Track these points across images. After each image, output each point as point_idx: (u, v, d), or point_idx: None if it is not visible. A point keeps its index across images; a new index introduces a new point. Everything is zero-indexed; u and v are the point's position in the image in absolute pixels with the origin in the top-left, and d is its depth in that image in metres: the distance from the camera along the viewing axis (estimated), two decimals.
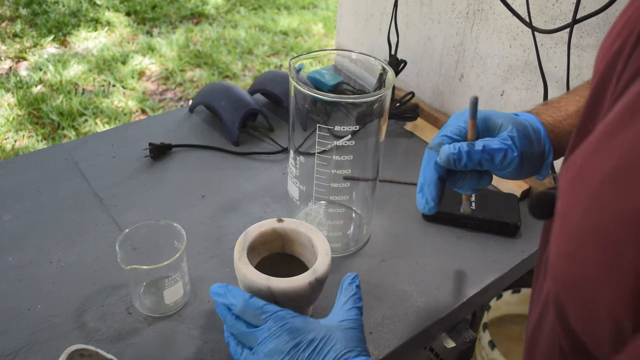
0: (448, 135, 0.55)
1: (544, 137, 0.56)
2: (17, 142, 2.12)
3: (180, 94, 2.50)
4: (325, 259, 0.57)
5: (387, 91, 0.62)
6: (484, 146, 0.53)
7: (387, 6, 1.07)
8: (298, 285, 0.53)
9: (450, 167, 0.53)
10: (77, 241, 0.73)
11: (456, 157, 0.52)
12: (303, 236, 0.61)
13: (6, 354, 0.59)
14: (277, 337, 0.48)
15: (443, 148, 0.53)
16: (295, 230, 0.61)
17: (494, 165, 0.54)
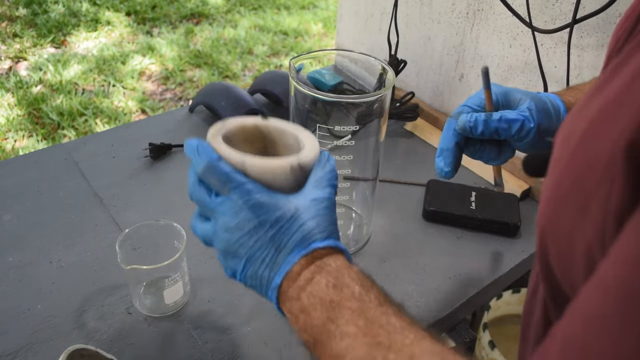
0: (468, 105, 0.57)
1: (563, 113, 0.58)
2: (17, 142, 2.12)
3: (180, 94, 2.50)
4: (313, 148, 0.47)
5: (387, 91, 0.62)
6: (501, 116, 0.55)
7: (387, 6, 1.07)
8: (278, 166, 0.44)
9: (466, 134, 0.56)
10: (77, 241, 0.73)
11: (472, 124, 0.55)
12: (289, 135, 0.50)
13: (6, 354, 0.59)
14: (240, 212, 0.41)
15: (461, 116, 0.55)
16: (280, 129, 0.50)
17: (511, 136, 0.55)
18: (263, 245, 0.40)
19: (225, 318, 0.65)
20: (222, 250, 0.42)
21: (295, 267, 0.40)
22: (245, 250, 0.41)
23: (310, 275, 0.39)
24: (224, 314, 0.65)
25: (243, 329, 0.63)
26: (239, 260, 0.41)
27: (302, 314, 0.39)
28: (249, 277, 0.41)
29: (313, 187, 0.43)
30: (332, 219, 0.43)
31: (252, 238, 0.40)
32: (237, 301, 0.67)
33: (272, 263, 0.40)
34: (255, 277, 0.41)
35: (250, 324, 0.64)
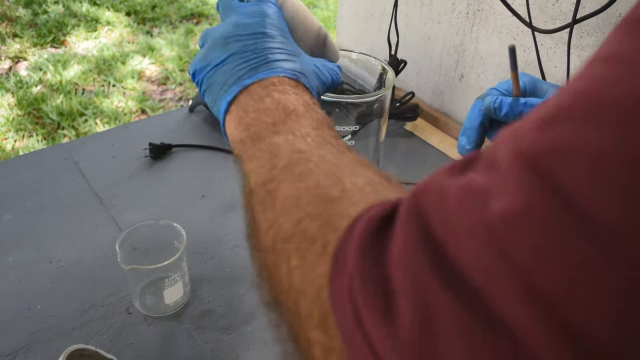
0: (497, 89, 0.58)
1: None
2: (17, 142, 2.12)
3: (180, 94, 2.50)
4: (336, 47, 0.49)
5: (387, 91, 0.62)
6: (527, 101, 0.56)
7: (387, 6, 1.07)
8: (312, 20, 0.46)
9: (491, 115, 0.57)
10: (77, 241, 0.73)
11: (497, 105, 0.55)
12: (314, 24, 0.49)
13: (6, 354, 0.59)
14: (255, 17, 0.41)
15: (487, 97, 0.57)
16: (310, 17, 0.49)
17: None
18: (257, 50, 0.40)
19: (225, 318, 0.65)
20: (216, 39, 0.41)
21: (273, 78, 0.39)
22: (237, 46, 0.40)
23: (282, 88, 0.39)
24: (224, 314, 0.65)
25: (243, 329, 0.63)
26: (224, 52, 0.41)
27: (256, 112, 0.38)
28: (221, 72, 0.40)
29: (319, 62, 0.45)
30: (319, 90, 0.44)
31: (252, 40, 0.40)
32: (237, 301, 0.67)
33: (253, 66, 0.40)
34: (228, 72, 0.40)
35: (250, 324, 0.64)
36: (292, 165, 0.32)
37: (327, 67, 0.45)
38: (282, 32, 0.42)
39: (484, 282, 0.18)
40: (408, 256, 0.20)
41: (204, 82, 0.42)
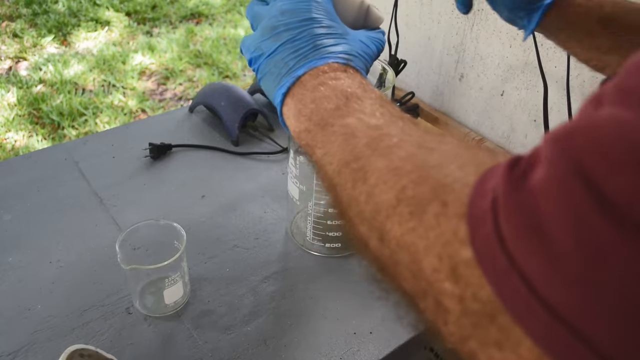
0: None
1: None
2: (17, 142, 2.12)
3: (180, 94, 2.50)
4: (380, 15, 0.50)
5: (387, 91, 0.62)
6: None
7: (387, 6, 1.07)
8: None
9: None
10: (77, 241, 0.73)
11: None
12: None
13: (6, 354, 0.59)
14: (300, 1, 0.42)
15: None
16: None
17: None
18: (305, 37, 0.40)
19: (225, 318, 0.65)
20: (266, 28, 0.42)
21: (324, 66, 0.39)
22: (287, 35, 0.41)
23: (335, 76, 0.39)
24: (224, 314, 0.65)
25: (243, 329, 0.64)
26: (275, 42, 0.41)
27: (314, 103, 0.38)
28: (274, 62, 0.41)
29: (364, 36, 0.45)
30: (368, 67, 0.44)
31: (300, 28, 0.41)
32: (237, 301, 0.67)
33: (303, 55, 0.40)
34: (280, 62, 0.41)
35: (250, 324, 0.64)
36: (375, 141, 0.32)
37: (371, 37, 0.45)
38: (328, 14, 0.43)
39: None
40: (556, 186, 0.20)
41: (260, 70, 0.43)
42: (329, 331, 0.64)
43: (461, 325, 0.24)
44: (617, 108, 0.20)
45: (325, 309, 0.67)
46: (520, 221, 0.21)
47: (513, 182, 0.22)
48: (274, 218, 0.79)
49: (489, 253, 0.22)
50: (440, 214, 0.25)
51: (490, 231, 0.22)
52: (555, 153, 0.21)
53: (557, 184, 0.20)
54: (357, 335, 0.64)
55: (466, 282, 0.23)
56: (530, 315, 0.20)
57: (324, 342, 0.63)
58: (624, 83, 0.20)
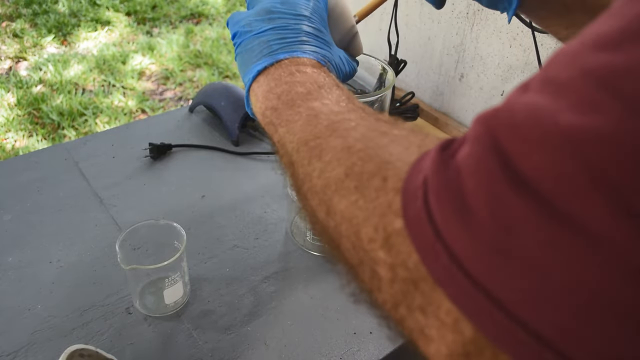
0: None
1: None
2: (17, 142, 2.12)
3: (180, 94, 2.50)
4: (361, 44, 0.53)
5: (387, 91, 0.62)
6: None
7: (387, 6, 1.07)
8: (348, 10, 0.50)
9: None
10: (77, 241, 0.73)
11: None
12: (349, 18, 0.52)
13: (6, 354, 0.59)
14: None
15: None
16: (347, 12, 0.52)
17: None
18: (296, 30, 0.44)
19: (225, 318, 0.65)
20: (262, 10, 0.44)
21: (305, 59, 0.42)
22: (280, 22, 0.44)
23: (312, 65, 0.42)
24: (224, 314, 0.65)
25: (243, 329, 0.64)
26: (266, 24, 0.44)
27: (287, 84, 0.40)
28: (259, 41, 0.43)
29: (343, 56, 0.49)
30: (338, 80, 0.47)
31: (294, 20, 0.44)
32: (237, 301, 0.67)
33: (288, 44, 0.43)
34: (265, 44, 0.43)
35: (250, 324, 0.64)
36: (335, 123, 0.34)
37: (348, 60, 0.49)
38: (322, 20, 0.46)
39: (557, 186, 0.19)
40: (475, 162, 0.22)
41: (242, 45, 0.45)
42: (329, 331, 0.64)
43: (392, 293, 0.26)
44: (537, 94, 0.21)
45: (325, 309, 0.67)
46: (445, 195, 0.23)
47: (442, 160, 0.24)
48: (274, 218, 0.79)
49: (418, 224, 0.24)
50: (380, 188, 0.28)
51: (421, 204, 0.24)
52: (478, 132, 0.23)
53: (477, 161, 0.22)
54: (357, 335, 0.64)
55: (397, 250, 0.25)
56: (449, 280, 0.22)
57: (324, 342, 0.63)
58: (546, 72, 0.22)
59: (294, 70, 0.41)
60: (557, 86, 0.21)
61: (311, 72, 0.41)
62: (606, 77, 0.19)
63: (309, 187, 0.34)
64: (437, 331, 0.24)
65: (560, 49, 0.22)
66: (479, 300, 0.21)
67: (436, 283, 0.23)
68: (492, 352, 0.22)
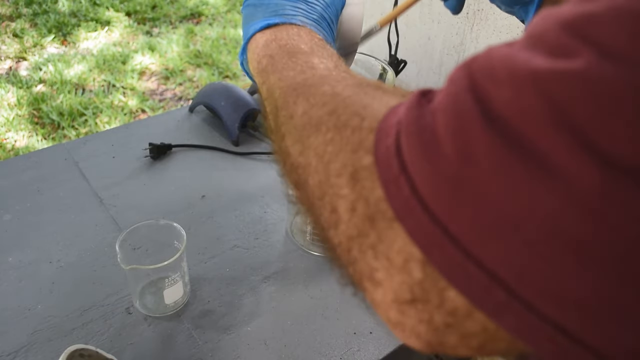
0: None
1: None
2: (17, 142, 2.12)
3: (180, 94, 2.50)
4: None
5: None
6: None
7: (387, 6, 1.07)
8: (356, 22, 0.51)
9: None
10: (77, 241, 0.73)
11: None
12: None
13: (6, 354, 0.59)
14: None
15: None
16: None
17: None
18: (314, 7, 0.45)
19: (225, 318, 0.65)
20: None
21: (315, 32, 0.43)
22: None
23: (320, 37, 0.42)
24: (224, 314, 0.65)
25: (243, 329, 0.64)
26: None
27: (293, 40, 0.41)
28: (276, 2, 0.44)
29: None
30: None
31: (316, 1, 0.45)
32: (237, 301, 0.67)
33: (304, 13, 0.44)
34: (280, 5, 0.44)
35: (250, 324, 0.64)
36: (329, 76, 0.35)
37: None
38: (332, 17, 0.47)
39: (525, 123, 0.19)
40: (451, 101, 0.22)
41: (251, 5, 0.45)
42: (329, 331, 0.64)
43: (348, 231, 0.26)
44: (517, 46, 0.22)
45: (325, 309, 0.67)
46: (415, 129, 0.23)
47: (419, 102, 0.24)
48: (274, 218, 0.79)
49: (386, 160, 0.24)
50: (357, 127, 0.28)
51: (392, 142, 0.24)
52: (457, 75, 0.23)
53: (452, 99, 0.22)
54: (357, 335, 0.64)
55: (362, 185, 0.25)
56: (408, 213, 0.22)
57: (324, 342, 0.63)
58: (530, 30, 0.23)
59: (301, 32, 0.42)
60: (534, 38, 0.21)
61: (319, 41, 0.41)
62: (578, 24, 0.20)
63: (288, 128, 0.34)
64: (386, 273, 0.24)
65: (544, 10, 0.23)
66: (434, 233, 0.21)
67: (395, 216, 0.23)
68: (438, 296, 0.22)
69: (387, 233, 0.24)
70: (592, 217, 0.18)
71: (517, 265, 0.19)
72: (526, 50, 0.21)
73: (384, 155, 0.24)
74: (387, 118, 0.26)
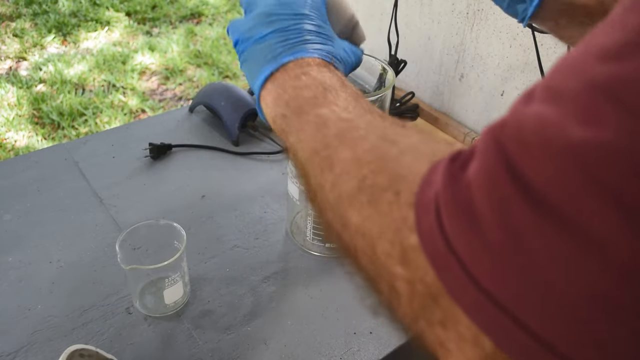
0: None
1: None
2: (17, 142, 2.12)
3: (180, 94, 2.50)
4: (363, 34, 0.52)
5: (387, 91, 0.62)
6: None
7: (387, 6, 1.07)
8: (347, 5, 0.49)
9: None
10: (77, 241, 0.73)
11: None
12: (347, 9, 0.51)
13: (6, 354, 0.59)
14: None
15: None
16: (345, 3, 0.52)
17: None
18: (296, 30, 0.43)
19: (225, 318, 0.65)
20: (260, 14, 0.44)
21: (309, 59, 0.42)
22: (280, 24, 0.43)
23: (317, 68, 0.41)
24: (224, 314, 0.65)
25: (243, 329, 0.64)
26: (266, 28, 0.43)
27: (294, 90, 0.40)
28: (261, 47, 0.43)
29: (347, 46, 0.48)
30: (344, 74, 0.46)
31: (293, 20, 0.43)
32: (237, 301, 0.67)
33: (291, 45, 0.42)
34: (268, 48, 0.43)
35: (250, 324, 0.64)
36: (344, 132, 0.34)
37: (353, 50, 0.48)
38: (320, 15, 0.45)
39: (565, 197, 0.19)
40: (486, 177, 0.22)
41: (245, 52, 0.45)
42: (329, 331, 0.64)
43: (411, 307, 0.26)
44: (542, 105, 0.22)
45: (325, 309, 0.67)
46: (456, 209, 0.23)
47: (452, 174, 0.24)
48: (274, 218, 0.79)
49: (431, 240, 0.24)
50: (393, 202, 0.28)
51: (433, 219, 0.24)
52: (487, 145, 0.23)
53: (486, 174, 0.22)
54: (357, 335, 0.64)
55: (415, 266, 0.25)
56: (465, 295, 0.22)
57: (324, 342, 0.63)
58: (551, 81, 0.22)
59: (300, 73, 0.41)
60: (562, 97, 0.21)
61: (316, 74, 0.40)
62: (610, 89, 0.19)
63: (322, 199, 0.34)
64: (457, 345, 0.24)
65: (564, 57, 0.22)
66: (492, 312, 0.21)
67: (453, 298, 0.23)
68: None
69: (452, 310, 0.23)
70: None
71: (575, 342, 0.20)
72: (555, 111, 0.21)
73: (428, 235, 0.24)
74: (423, 191, 0.26)
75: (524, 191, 0.20)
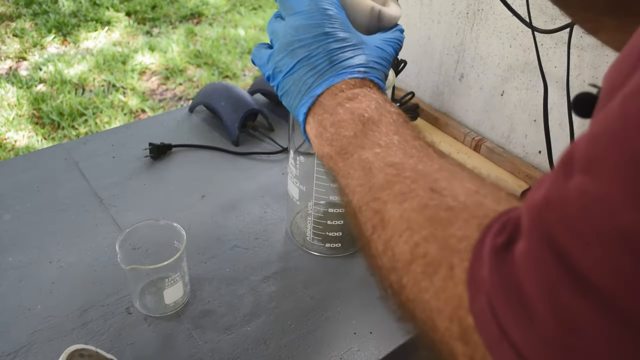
0: None
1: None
2: (17, 142, 2.12)
3: (180, 94, 2.50)
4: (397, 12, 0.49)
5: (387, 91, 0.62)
6: None
7: None
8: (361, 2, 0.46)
9: None
10: (77, 241, 0.73)
11: None
12: None
13: (6, 354, 0.59)
14: (313, 16, 0.41)
15: None
16: None
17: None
18: (321, 53, 0.41)
19: (225, 318, 0.65)
20: (282, 45, 0.42)
21: (341, 84, 0.40)
22: (303, 52, 0.41)
23: (352, 95, 0.39)
24: (224, 314, 0.65)
25: (243, 329, 0.64)
26: (292, 59, 0.42)
27: (333, 127, 0.39)
28: (292, 80, 0.42)
29: (380, 40, 0.45)
30: (386, 73, 0.44)
31: (315, 44, 0.41)
32: (237, 301, 0.67)
33: (320, 72, 0.41)
34: (299, 81, 0.42)
35: (250, 324, 0.64)
36: (390, 184, 0.34)
37: (388, 40, 0.46)
38: (342, 25, 0.43)
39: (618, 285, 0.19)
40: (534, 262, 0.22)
41: (279, 87, 0.44)
42: (329, 331, 0.64)
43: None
44: (584, 177, 0.21)
45: (325, 309, 0.67)
46: (505, 296, 0.23)
47: (498, 253, 0.24)
48: (274, 218, 0.79)
49: (485, 323, 0.24)
50: (448, 278, 0.28)
51: (484, 302, 0.24)
52: (531, 226, 0.23)
53: (533, 258, 0.22)
54: (357, 335, 0.64)
55: (475, 344, 0.25)
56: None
57: (324, 342, 0.63)
58: (591, 150, 0.21)
59: (335, 105, 0.39)
60: (604, 170, 0.20)
61: (352, 104, 0.39)
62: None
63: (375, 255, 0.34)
64: None
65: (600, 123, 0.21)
66: None
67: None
68: None
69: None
70: None
71: None
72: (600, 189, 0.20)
73: (481, 318, 0.25)
74: (473, 268, 0.26)
75: (572, 275, 0.20)
